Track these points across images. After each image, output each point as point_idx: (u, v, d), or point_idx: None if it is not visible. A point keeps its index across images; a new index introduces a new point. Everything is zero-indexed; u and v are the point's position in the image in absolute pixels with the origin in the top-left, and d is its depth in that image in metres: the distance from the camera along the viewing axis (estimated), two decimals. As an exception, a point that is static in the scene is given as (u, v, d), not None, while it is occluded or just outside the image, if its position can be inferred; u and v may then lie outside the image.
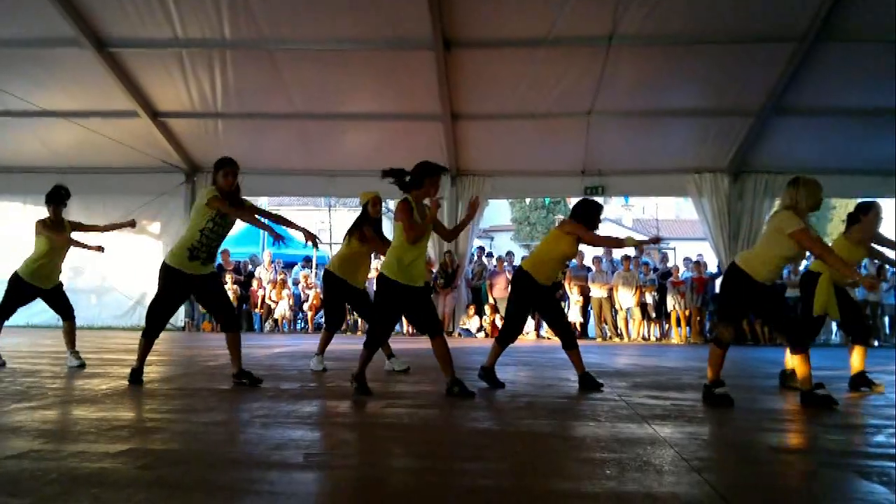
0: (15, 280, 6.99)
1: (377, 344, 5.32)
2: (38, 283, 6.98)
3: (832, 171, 12.44)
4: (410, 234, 5.07)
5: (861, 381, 6.13)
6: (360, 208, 6.91)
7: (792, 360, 5.37)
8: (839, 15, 10.29)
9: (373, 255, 7.51)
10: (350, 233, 6.81)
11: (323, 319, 8.84)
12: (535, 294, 5.88)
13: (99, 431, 3.70)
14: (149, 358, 7.09)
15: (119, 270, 14.47)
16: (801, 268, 14.83)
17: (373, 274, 7.15)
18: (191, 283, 5.58)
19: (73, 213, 15.29)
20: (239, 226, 6.71)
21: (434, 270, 14.17)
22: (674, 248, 22.80)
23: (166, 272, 5.54)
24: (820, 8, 10.20)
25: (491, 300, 14.49)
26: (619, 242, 5.94)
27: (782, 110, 12.39)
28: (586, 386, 5.78)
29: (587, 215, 5.84)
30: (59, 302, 7.16)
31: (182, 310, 15.03)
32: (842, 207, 32.30)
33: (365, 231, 6.69)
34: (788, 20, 10.57)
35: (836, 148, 12.65)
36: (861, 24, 10.47)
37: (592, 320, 14.77)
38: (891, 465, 3.37)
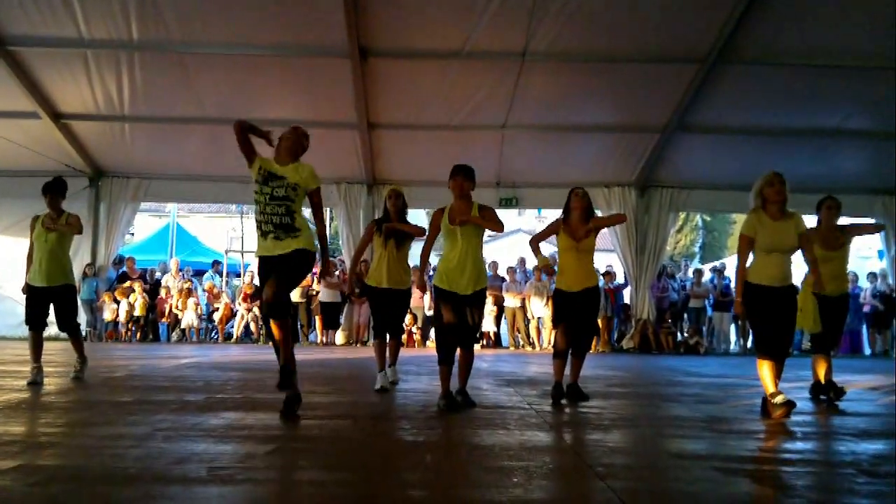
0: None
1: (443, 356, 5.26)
2: (34, 280, 6.52)
3: (732, 187, 13.03)
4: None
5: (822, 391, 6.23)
6: None
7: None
8: (739, 38, 10.79)
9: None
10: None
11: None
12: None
13: (-13, 448, 3.51)
14: (46, 369, 6.81)
15: (13, 278, 13.70)
16: (706, 278, 15.47)
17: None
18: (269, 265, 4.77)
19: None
20: (147, 232, 6.37)
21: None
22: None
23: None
24: (721, 31, 10.67)
25: (406, 309, 14.45)
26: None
27: (685, 128, 12.90)
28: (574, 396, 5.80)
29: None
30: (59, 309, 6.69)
31: (83, 318, 14.41)
32: (740, 221, 33.79)
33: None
34: (692, 42, 11.03)
35: (736, 164, 13.23)
36: (760, 47, 11.03)
37: (505, 329, 14.96)
38: (783, 470, 3.55)
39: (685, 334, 14.91)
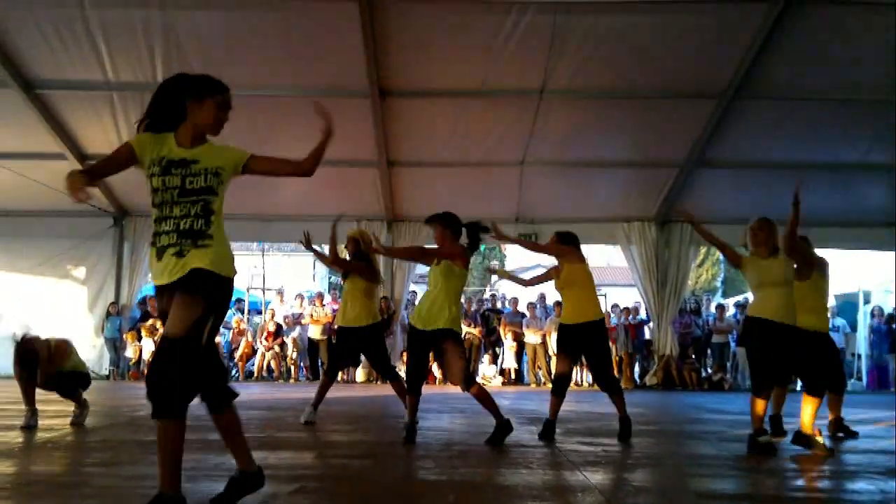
0: None
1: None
2: None
3: (752, 222, 12.93)
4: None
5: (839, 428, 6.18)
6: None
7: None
8: (758, 73, 10.82)
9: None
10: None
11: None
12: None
13: (14, 487, 3.54)
14: (67, 408, 6.84)
15: (42, 317, 13.89)
16: (729, 313, 15.32)
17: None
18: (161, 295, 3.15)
19: (-8, 257, 14.74)
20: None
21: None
22: (605, 295, 23.26)
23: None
24: (739, 66, 10.71)
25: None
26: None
27: (705, 163, 12.88)
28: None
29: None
30: None
31: (106, 356, 14.52)
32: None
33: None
34: (710, 77, 11.06)
35: (755, 199, 13.12)
36: (778, 81, 11.04)
37: (526, 366, 14.87)
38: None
39: (709, 370, 14.73)
